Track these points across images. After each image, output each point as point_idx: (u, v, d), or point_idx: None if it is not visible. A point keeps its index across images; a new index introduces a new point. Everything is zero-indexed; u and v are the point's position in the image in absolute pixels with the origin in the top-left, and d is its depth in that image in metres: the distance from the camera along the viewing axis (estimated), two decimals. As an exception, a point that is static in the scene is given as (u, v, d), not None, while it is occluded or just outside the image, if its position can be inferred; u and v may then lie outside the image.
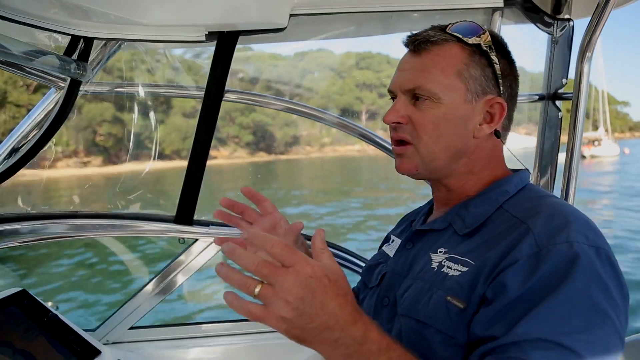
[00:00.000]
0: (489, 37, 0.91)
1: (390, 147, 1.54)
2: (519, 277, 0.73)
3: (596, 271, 0.72)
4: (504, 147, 0.99)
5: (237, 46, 1.61)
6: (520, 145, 1.92)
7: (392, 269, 0.98)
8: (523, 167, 1.01)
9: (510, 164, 1.02)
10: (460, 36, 0.90)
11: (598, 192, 19.21)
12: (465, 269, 0.81)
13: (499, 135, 0.94)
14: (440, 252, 0.89)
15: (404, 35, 0.96)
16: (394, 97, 0.95)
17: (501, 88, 0.91)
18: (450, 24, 0.93)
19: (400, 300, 0.90)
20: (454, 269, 0.82)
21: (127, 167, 2.04)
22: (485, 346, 0.72)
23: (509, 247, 0.77)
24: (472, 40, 0.90)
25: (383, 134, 0.99)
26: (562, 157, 1.80)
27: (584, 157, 40.09)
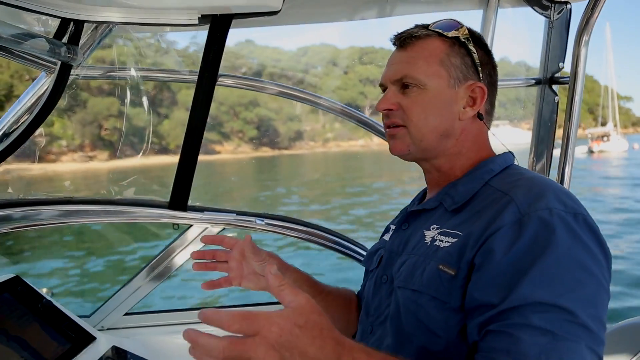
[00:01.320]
0: (467, 30, 1.02)
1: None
2: (505, 242, 0.79)
3: (576, 234, 0.79)
4: (498, 143, 1.08)
5: (239, 40, 1.58)
6: (525, 140, 1.92)
7: (389, 248, 1.06)
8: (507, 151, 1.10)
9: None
10: (440, 31, 1.01)
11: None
12: (455, 239, 0.88)
13: (482, 118, 1.03)
14: (433, 228, 0.96)
15: (403, 25, 1.06)
16: (384, 90, 1.06)
17: (480, 75, 1.01)
18: (432, 23, 1.05)
19: (397, 274, 0.97)
20: (445, 241, 0.90)
21: (132, 161, 2.02)
22: (484, 315, 0.77)
23: (493, 215, 0.84)
24: (452, 34, 1.01)
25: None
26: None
27: (592, 151, 40.18)
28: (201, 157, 1.72)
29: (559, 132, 1.86)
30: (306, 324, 0.65)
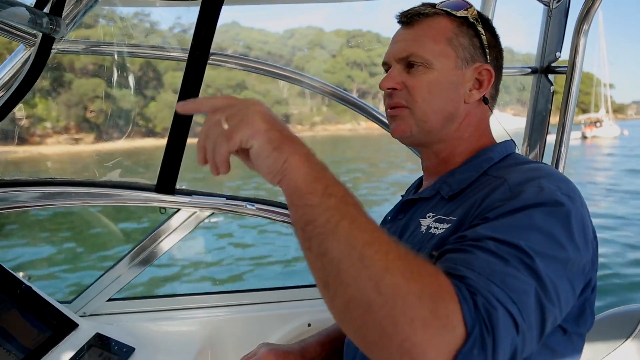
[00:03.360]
0: (475, 11, 0.99)
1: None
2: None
3: (563, 212, 0.73)
4: (499, 129, 1.08)
5: (225, 22, 1.52)
6: (512, 126, 1.90)
7: None
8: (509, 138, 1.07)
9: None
10: (449, 10, 0.98)
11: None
12: (448, 225, 0.86)
13: (487, 102, 1.01)
14: (428, 216, 0.94)
15: (391, 9, 1.05)
16: (387, 69, 1.01)
17: (488, 57, 0.99)
18: (440, 2, 1.01)
19: None
20: (440, 228, 0.87)
21: (119, 144, 1.95)
22: (444, 248, 0.75)
23: (485, 196, 0.82)
24: (460, 13, 0.98)
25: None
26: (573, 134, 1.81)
27: (585, 137, 41.05)
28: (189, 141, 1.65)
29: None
30: None
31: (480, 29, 0.98)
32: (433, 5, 1.00)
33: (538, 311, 0.65)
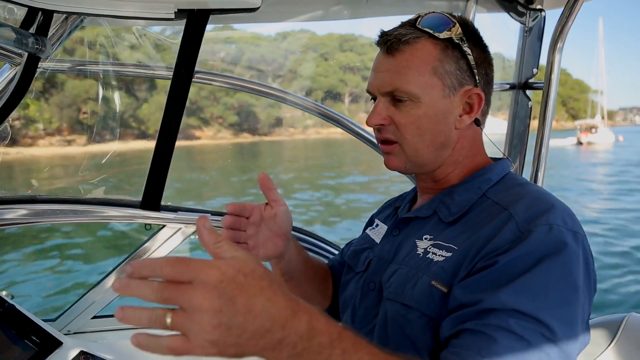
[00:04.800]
0: (459, 28, 0.92)
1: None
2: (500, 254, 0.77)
3: (573, 252, 0.77)
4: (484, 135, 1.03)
5: (217, 25, 1.54)
6: (502, 131, 1.95)
7: (379, 254, 1.02)
8: (503, 156, 1.05)
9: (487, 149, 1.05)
10: (431, 31, 0.91)
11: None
12: (449, 254, 0.84)
13: (479, 123, 0.98)
14: (425, 238, 0.92)
15: (378, 20, 1.01)
16: (374, 98, 0.97)
17: (477, 77, 0.94)
18: (419, 16, 0.94)
19: (386, 284, 0.93)
20: (439, 255, 0.85)
21: (110, 146, 1.94)
22: (461, 312, 0.75)
23: (492, 232, 0.81)
24: (444, 35, 0.91)
25: (365, 116, 1.00)
26: (555, 142, 1.83)
27: (580, 143, 41.42)
28: (182, 143, 1.65)
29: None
30: (253, 273, 0.54)
31: (466, 48, 0.92)
32: (413, 25, 0.93)
33: None
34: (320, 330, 0.58)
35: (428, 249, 0.89)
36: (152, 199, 1.68)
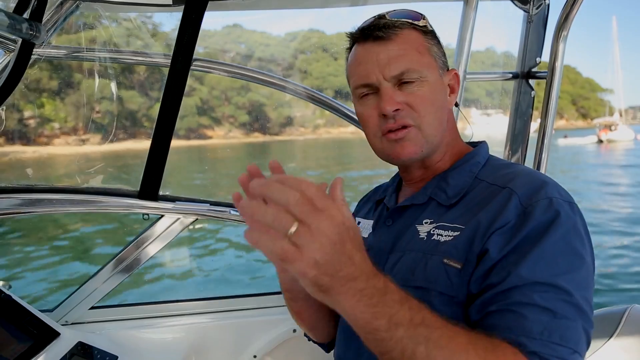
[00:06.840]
0: (426, 19, 0.99)
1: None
2: (509, 233, 0.81)
3: (572, 221, 0.83)
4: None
5: (227, 24, 1.51)
6: None
7: (376, 246, 1.00)
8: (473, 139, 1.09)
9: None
10: (411, 21, 0.96)
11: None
12: (456, 233, 0.87)
13: (458, 105, 1.03)
14: (426, 223, 0.93)
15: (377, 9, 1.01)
16: (368, 92, 0.95)
17: (447, 62, 1.01)
18: (386, 13, 0.97)
19: (392, 273, 0.92)
20: (446, 235, 0.88)
21: (124, 145, 1.92)
22: (484, 296, 0.78)
23: (498, 208, 0.85)
24: (422, 23, 0.97)
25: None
26: (575, 140, 1.81)
27: (600, 141, 41.88)
28: (194, 143, 1.63)
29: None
30: (357, 236, 0.63)
31: (438, 36, 0.99)
32: (385, 18, 0.96)
33: (585, 337, 0.76)
34: (393, 289, 0.66)
35: (432, 232, 0.91)
36: (150, 189, 1.66)
